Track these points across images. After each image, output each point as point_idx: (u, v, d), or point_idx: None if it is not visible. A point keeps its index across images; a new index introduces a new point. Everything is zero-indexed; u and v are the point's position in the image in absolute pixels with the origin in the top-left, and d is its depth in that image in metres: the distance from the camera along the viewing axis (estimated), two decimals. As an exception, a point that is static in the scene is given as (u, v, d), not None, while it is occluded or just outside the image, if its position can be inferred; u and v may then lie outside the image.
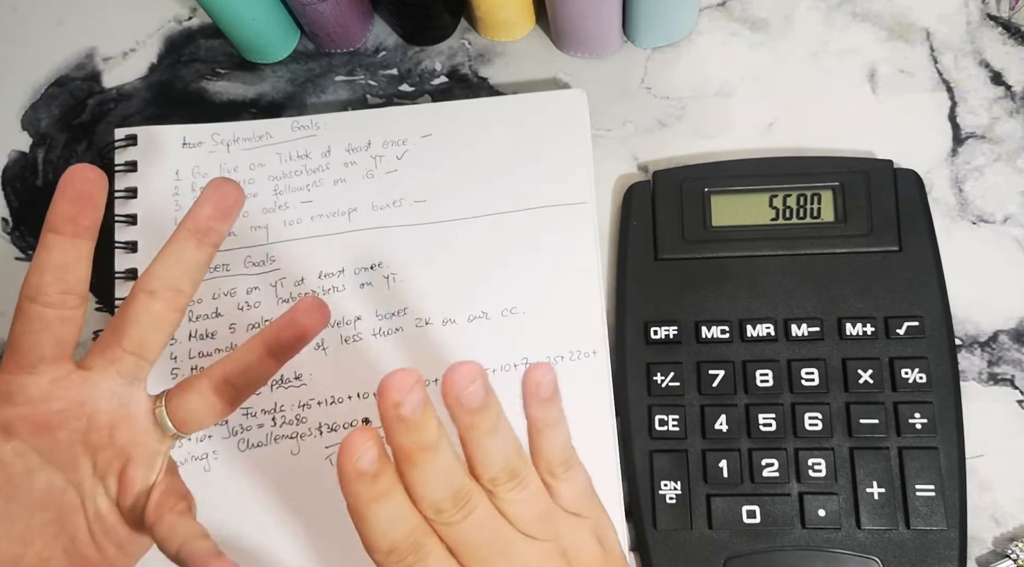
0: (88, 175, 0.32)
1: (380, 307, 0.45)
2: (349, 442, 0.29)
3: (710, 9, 0.50)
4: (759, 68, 0.49)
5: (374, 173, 0.47)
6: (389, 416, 0.29)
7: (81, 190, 0.32)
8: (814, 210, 0.44)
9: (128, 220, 0.47)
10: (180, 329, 0.45)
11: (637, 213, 0.45)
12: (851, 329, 0.42)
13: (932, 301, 0.42)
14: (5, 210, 0.51)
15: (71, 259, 0.33)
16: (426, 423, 0.29)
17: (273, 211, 0.47)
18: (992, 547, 0.41)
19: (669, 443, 0.42)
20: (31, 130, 0.52)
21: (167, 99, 0.52)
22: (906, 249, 0.43)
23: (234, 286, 0.46)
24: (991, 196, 0.45)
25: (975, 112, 0.47)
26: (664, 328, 0.43)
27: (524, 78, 0.50)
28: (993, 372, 0.43)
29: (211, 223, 0.34)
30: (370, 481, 0.29)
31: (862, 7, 0.49)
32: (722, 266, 0.44)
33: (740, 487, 0.41)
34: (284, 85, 0.51)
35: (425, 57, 0.51)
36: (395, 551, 0.30)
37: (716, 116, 0.48)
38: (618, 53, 0.50)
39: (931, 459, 0.40)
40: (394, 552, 0.30)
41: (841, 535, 0.40)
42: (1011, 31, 0.48)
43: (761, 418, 0.41)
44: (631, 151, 0.48)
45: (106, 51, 0.53)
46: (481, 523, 0.31)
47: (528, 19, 0.50)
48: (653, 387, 0.42)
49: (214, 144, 0.48)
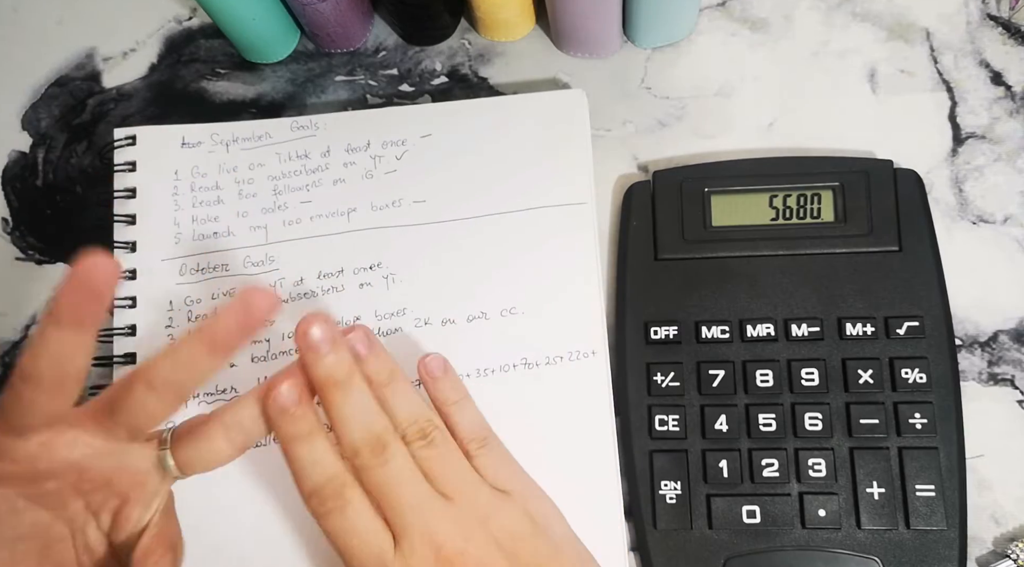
0: (100, 270, 0.30)
1: (379, 307, 0.45)
2: (274, 381, 0.33)
3: (710, 9, 0.50)
4: (759, 68, 0.49)
5: (373, 173, 0.47)
6: (301, 345, 0.34)
7: (91, 285, 0.30)
8: (814, 210, 0.44)
9: (127, 220, 0.47)
10: (179, 329, 0.45)
11: (637, 213, 0.45)
12: (851, 329, 0.42)
13: (932, 301, 0.42)
14: (5, 210, 0.51)
15: (69, 351, 0.30)
16: (337, 357, 0.34)
17: (272, 211, 0.47)
18: (992, 547, 0.41)
19: (669, 443, 0.41)
20: (31, 130, 0.52)
21: (167, 99, 0.52)
22: (906, 249, 0.43)
23: (233, 286, 0.46)
24: (991, 196, 0.45)
25: (975, 112, 0.47)
26: (664, 328, 0.43)
27: (524, 78, 0.50)
28: (993, 372, 0.43)
29: (230, 338, 0.31)
30: (291, 419, 0.33)
31: (862, 7, 0.49)
32: (722, 266, 0.44)
33: (740, 487, 0.41)
34: (284, 85, 0.51)
35: (425, 57, 0.51)
36: (316, 494, 0.33)
37: (716, 116, 0.48)
38: (618, 53, 0.50)
39: (931, 459, 0.40)
40: (315, 495, 0.33)
41: (841, 535, 0.40)
42: (1011, 31, 0.48)
43: (761, 418, 0.41)
44: (631, 151, 0.48)
45: (106, 51, 0.53)
46: (397, 472, 0.33)
47: (528, 19, 0.50)
48: (653, 387, 0.42)
49: (213, 144, 0.48)
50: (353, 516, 0.33)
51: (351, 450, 0.34)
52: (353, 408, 0.34)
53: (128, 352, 0.45)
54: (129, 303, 0.46)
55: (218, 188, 0.47)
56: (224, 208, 0.47)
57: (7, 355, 0.48)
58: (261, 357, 0.44)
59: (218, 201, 0.47)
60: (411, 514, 0.34)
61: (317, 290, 0.45)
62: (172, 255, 0.46)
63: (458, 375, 0.41)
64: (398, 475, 0.34)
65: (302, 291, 0.45)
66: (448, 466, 0.36)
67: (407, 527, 0.33)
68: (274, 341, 0.44)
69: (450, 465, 0.36)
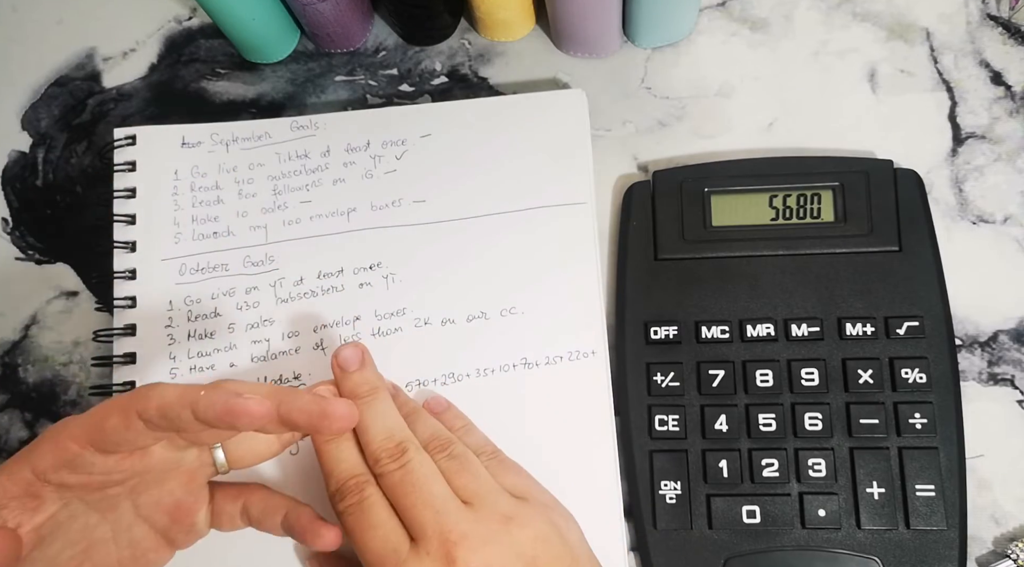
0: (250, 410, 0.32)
1: (379, 307, 0.45)
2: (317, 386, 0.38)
3: (710, 9, 0.50)
4: (759, 68, 0.49)
5: (373, 173, 0.47)
6: (334, 364, 0.38)
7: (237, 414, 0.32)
8: (814, 210, 0.44)
9: (127, 220, 0.47)
10: (179, 329, 0.45)
11: (637, 213, 0.45)
12: (851, 329, 0.42)
13: (932, 301, 0.42)
14: (5, 210, 0.51)
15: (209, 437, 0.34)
16: (363, 375, 0.38)
17: (272, 211, 0.47)
18: (992, 547, 0.41)
19: (669, 443, 0.41)
20: (31, 130, 0.52)
21: (167, 99, 0.52)
22: (906, 249, 0.43)
23: (233, 286, 0.46)
24: (991, 196, 0.45)
25: (975, 112, 0.47)
26: (664, 328, 0.43)
27: (524, 78, 0.50)
28: (993, 372, 0.43)
29: (294, 422, 0.33)
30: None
31: (862, 7, 0.49)
32: (722, 266, 0.44)
33: (740, 487, 0.41)
34: (284, 85, 0.51)
35: (425, 57, 0.51)
36: (339, 491, 0.35)
37: (716, 116, 0.48)
38: (618, 53, 0.50)
39: (931, 459, 0.40)
40: (339, 492, 0.35)
41: (841, 535, 0.40)
42: (1011, 31, 0.48)
43: (761, 418, 0.41)
44: (631, 151, 0.48)
45: (106, 51, 0.53)
46: (417, 475, 0.35)
47: (528, 19, 0.50)
48: (653, 387, 0.42)
49: (213, 144, 0.48)
50: (372, 512, 0.34)
51: (373, 457, 0.36)
52: (376, 416, 0.37)
53: (128, 352, 0.45)
54: (129, 303, 0.46)
55: (218, 188, 0.47)
56: (224, 208, 0.47)
57: (7, 355, 0.48)
58: (261, 357, 0.44)
59: (218, 201, 0.47)
60: (429, 514, 0.34)
61: (317, 290, 0.45)
62: (172, 255, 0.46)
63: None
64: (418, 478, 0.35)
65: (302, 291, 0.45)
66: (469, 474, 0.36)
67: (425, 526, 0.34)
68: (274, 341, 0.44)
69: (471, 473, 0.36)
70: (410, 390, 0.43)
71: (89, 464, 0.33)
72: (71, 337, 0.48)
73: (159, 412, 0.31)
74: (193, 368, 0.44)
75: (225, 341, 0.45)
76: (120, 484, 0.34)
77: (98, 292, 0.48)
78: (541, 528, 0.35)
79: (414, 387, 0.43)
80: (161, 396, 0.32)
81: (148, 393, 0.32)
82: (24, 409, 0.47)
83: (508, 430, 0.42)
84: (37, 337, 0.48)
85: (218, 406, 0.31)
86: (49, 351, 0.48)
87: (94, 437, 0.32)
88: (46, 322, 0.48)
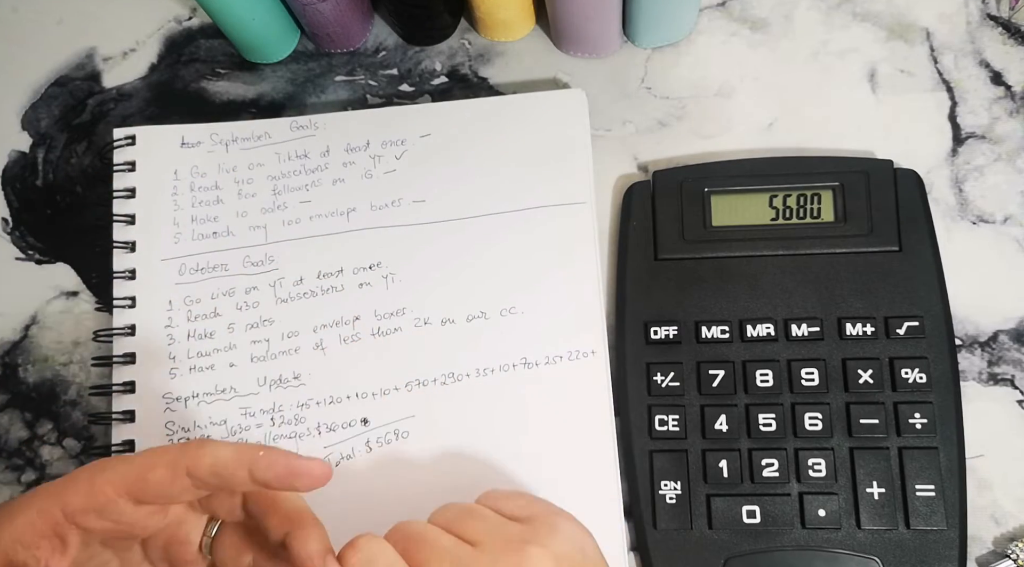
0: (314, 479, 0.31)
1: (379, 307, 0.45)
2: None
3: (710, 9, 0.50)
4: (759, 68, 0.49)
5: (372, 173, 0.47)
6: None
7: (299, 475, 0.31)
8: (814, 210, 0.44)
9: (127, 220, 0.47)
10: (178, 329, 0.45)
11: (637, 213, 0.45)
12: (851, 329, 0.42)
13: (932, 301, 0.42)
14: (5, 210, 0.51)
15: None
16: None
17: (272, 211, 0.47)
18: (992, 547, 0.41)
19: (669, 443, 0.41)
20: (31, 130, 0.52)
21: (167, 99, 0.52)
22: (906, 249, 0.43)
23: (233, 286, 0.46)
24: (991, 196, 0.45)
25: (975, 112, 0.47)
26: (664, 328, 0.43)
27: (524, 78, 0.50)
28: (993, 372, 0.43)
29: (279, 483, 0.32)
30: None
31: (862, 7, 0.49)
32: (722, 266, 0.44)
33: (740, 487, 0.41)
34: (284, 85, 0.51)
35: (425, 57, 0.51)
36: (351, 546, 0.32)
37: (716, 116, 0.48)
38: (618, 53, 0.50)
39: (931, 459, 0.40)
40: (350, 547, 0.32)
41: (841, 535, 0.40)
42: (1011, 31, 0.48)
43: (761, 418, 0.41)
44: (631, 151, 0.48)
45: (106, 51, 0.53)
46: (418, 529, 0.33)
47: (528, 19, 0.50)
48: (653, 387, 0.42)
49: (213, 144, 0.48)
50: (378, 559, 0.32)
51: None
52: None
53: (128, 352, 0.45)
54: (129, 303, 0.46)
55: (218, 188, 0.47)
56: (224, 208, 0.47)
57: (7, 355, 0.48)
58: (261, 357, 0.44)
59: (218, 201, 0.47)
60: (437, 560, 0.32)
61: (317, 290, 0.45)
62: (172, 255, 0.46)
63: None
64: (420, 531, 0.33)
65: (302, 291, 0.45)
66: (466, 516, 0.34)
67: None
68: (273, 341, 0.44)
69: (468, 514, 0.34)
70: (410, 390, 0.43)
71: (119, 512, 0.32)
72: (71, 337, 0.48)
73: (211, 470, 0.31)
74: (193, 368, 0.44)
75: (225, 341, 0.45)
76: (140, 533, 0.34)
77: (98, 292, 0.48)
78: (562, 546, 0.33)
79: (414, 387, 0.43)
80: (214, 455, 0.31)
81: (200, 451, 0.31)
82: (24, 409, 0.47)
83: (508, 430, 0.42)
84: (37, 337, 0.48)
85: (279, 467, 0.31)
86: (49, 351, 0.48)
87: (133, 487, 0.31)
88: (46, 322, 0.48)
